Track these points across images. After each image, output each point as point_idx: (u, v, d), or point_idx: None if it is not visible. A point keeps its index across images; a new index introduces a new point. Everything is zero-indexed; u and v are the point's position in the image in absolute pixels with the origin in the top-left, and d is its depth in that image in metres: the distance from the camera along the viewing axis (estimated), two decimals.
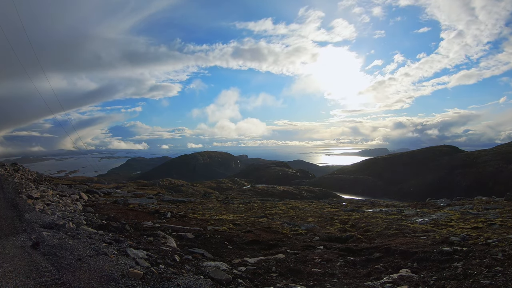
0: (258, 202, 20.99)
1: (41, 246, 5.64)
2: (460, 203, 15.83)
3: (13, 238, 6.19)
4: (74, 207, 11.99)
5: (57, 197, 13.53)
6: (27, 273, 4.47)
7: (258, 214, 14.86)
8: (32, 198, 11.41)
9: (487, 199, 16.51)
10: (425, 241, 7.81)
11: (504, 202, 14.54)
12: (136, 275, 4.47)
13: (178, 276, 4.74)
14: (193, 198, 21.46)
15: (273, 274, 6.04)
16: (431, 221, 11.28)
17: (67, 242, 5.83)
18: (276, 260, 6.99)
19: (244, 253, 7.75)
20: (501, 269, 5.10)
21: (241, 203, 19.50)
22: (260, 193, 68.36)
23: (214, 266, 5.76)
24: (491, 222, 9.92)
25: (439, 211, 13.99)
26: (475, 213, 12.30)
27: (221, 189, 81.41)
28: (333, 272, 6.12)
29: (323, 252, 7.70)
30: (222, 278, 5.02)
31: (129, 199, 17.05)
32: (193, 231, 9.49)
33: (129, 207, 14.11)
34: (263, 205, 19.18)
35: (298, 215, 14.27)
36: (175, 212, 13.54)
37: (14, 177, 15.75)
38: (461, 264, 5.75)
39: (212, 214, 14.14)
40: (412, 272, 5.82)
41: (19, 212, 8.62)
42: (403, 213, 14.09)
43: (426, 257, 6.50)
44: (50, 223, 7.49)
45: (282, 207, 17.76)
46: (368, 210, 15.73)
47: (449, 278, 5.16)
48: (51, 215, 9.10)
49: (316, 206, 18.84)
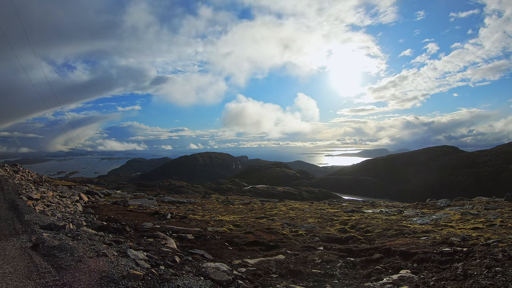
0: (258, 203, 20.98)
1: (41, 247, 5.65)
2: (460, 204, 15.82)
3: (13, 239, 6.20)
4: (74, 208, 11.99)
5: (57, 198, 13.54)
6: (27, 274, 4.47)
7: (258, 215, 14.86)
8: (32, 199, 11.42)
9: (487, 200, 16.49)
10: (425, 242, 7.82)
11: (504, 202, 14.53)
12: (136, 276, 4.48)
13: (178, 277, 4.75)
14: (193, 199, 21.45)
15: (273, 275, 6.05)
16: (431, 222, 11.28)
17: (67, 243, 5.83)
18: (276, 261, 6.99)
19: (244, 254, 7.75)
20: (501, 269, 5.10)
21: (241, 204, 19.49)
22: (260, 194, 68.41)
23: (214, 267, 5.76)
24: (491, 223, 9.93)
25: (439, 211, 13.99)
26: (475, 213, 12.30)
27: (221, 190, 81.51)
28: (333, 273, 6.12)
29: (323, 253, 7.70)
30: (222, 279, 5.03)
31: (129, 200, 17.05)
32: (193, 232, 9.49)
33: (129, 208, 14.10)
34: (263, 206, 19.17)
35: (298, 216, 14.27)
36: (175, 213, 13.54)
37: (14, 178, 15.75)
38: (461, 265, 5.75)
39: (212, 215, 14.14)
40: (412, 273, 5.82)
41: (19, 213, 8.62)
42: (403, 214, 14.09)
43: (426, 257, 6.50)
44: (50, 224, 7.50)
45: (282, 208, 17.76)
46: (368, 211, 15.73)
47: (449, 278, 5.16)
48: (51, 216, 9.11)
49: (316, 207, 18.84)
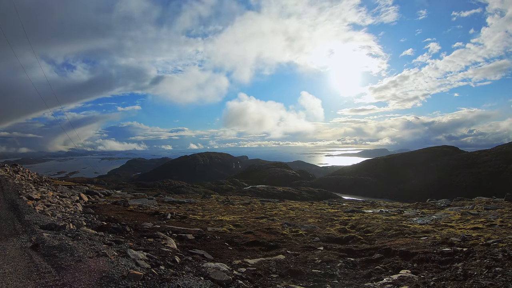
0: (258, 203, 20.98)
1: (41, 247, 5.65)
2: (460, 204, 15.82)
3: (13, 239, 6.20)
4: (74, 208, 11.99)
5: (57, 198, 13.54)
6: (27, 274, 4.47)
7: (258, 215, 14.85)
8: (32, 199, 11.42)
9: (487, 199, 16.49)
10: (425, 242, 7.82)
11: (504, 202, 14.52)
12: (136, 276, 4.48)
13: (178, 277, 4.75)
14: (193, 199, 21.45)
15: (273, 275, 6.05)
16: (431, 222, 11.28)
17: (67, 243, 5.83)
18: (276, 261, 6.99)
19: (244, 254, 7.76)
20: (501, 269, 5.10)
21: (241, 204, 19.48)
22: (260, 194, 68.42)
23: (214, 267, 5.77)
24: (491, 223, 9.93)
25: (439, 211, 13.99)
26: (475, 213, 12.29)
27: (221, 190, 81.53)
28: (333, 273, 6.12)
29: (323, 253, 7.70)
30: (222, 279, 5.03)
31: (129, 200, 17.04)
32: (193, 232, 9.49)
33: (129, 208, 14.10)
34: (263, 206, 19.17)
35: (298, 216, 14.27)
36: (175, 213, 13.54)
37: (14, 178, 15.75)
38: (461, 265, 5.75)
39: (212, 215, 14.14)
40: (412, 273, 5.82)
41: (19, 213, 8.63)
42: (403, 214, 14.09)
43: (426, 257, 6.50)
44: (50, 224, 7.50)
45: (282, 208, 17.76)
46: (368, 211, 15.72)
47: (450, 278, 5.16)
48: (51, 216, 9.11)
49: (316, 207, 18.84)
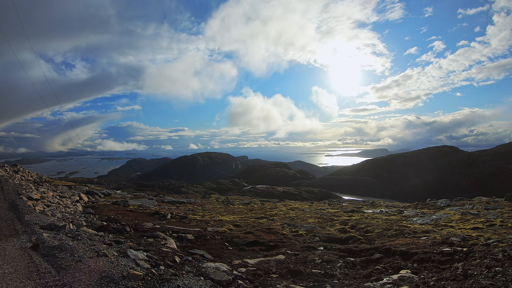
0: (258, 203, 20.97)
1: (41, 247, 5.65)
2: (460, 204, 15.82)
3: (13, 239, 6.19)
4: (74, 208, 11.98)
5: (57, 198, 13.54)
6: (27, 274, 4.47)
7: (258, 215, 14.86)
8: (32, 199, 11.41)
9: (487, 199, 16.49)
10: (425, 242, 7.82)
11: (504, 202, 14.52)
12: (136, 276, 4.48)
13: (178, 277, 4.75)
14: (193, 199, 21.45)
15: (273, 275, 6.04)
16: (431, 222, 11.28)
17: (67, 244, 5.83)
18: (276, 261, 6.99)
19: (244, 254, 7.75)
20: (501, 269, 5.10)
21: (241, 204, 19.48)
22: (260, 194, 68.40)
23: (214, 267, 5.76)
24: (491, 223, 9.93)
25: (439, 211, 13.99)
26: (475, 213, 12.30)
27: (221, 190, 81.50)
28: (333, 273, 6.12)
29: (323, 253, 7.70)
30: (222, 279, 5.03)
31: (129, 200, 17.05)
32: (193, 232, 9.49)
33: (129, 208, 14.11)
34: (263, 206, 19.17)
35: (298, 216, 14.27)
36: (175, 213, 13.54)
37: (14, 178, 15.75)
38: (461, 265, 5.75)
39: (212, 215, 14.14)
40: (412, 273, 5.82)
41: (19, 213, 8.62)
42: (403, 214, 14.09)
43: (426, 257, 6.50)
44: (50, 225, 7.50)
45: (282, 208, 17.76)
46: (368, 211, 15.72)
47: (450, 278, 5.16)
48: (51, 216, 9.10)
49: (316, 207, 18.84)
